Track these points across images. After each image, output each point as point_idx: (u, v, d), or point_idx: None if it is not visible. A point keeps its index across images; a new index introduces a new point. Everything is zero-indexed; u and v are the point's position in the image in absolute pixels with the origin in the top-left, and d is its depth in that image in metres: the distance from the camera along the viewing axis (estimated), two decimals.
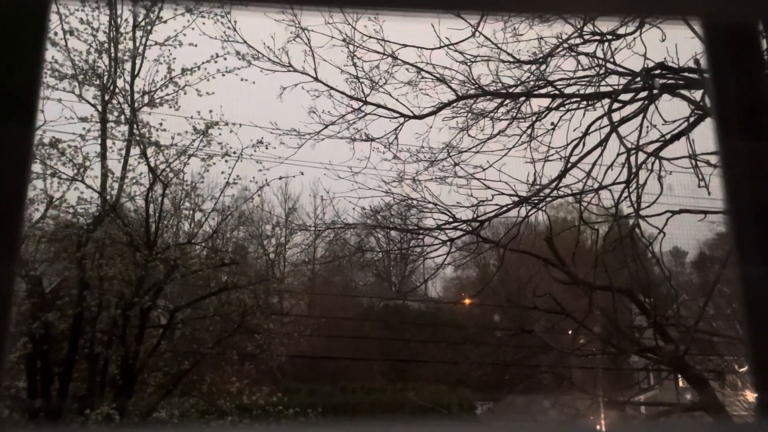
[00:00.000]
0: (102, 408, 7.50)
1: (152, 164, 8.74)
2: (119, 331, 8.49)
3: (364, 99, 7.31)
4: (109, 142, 8.60)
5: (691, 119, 6.11)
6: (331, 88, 7.36)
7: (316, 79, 7.33)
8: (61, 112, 8.26)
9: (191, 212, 9.45)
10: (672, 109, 6.35)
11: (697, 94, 6.11)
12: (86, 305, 8.22)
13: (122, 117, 8.72)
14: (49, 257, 9.06)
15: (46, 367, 8.35)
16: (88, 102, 8.56)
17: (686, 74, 6.29)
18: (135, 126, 8.66)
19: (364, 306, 22.94)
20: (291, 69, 7.39)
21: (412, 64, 7.18)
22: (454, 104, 7.26)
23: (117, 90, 8.69)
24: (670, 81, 6.44)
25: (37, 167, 8.04)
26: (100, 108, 8.60)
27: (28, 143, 0.68)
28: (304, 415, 9.71)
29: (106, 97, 8.61)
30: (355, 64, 7.19)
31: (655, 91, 6.35)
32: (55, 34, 8.14)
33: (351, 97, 7.35)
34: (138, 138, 8.62)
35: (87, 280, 8.20)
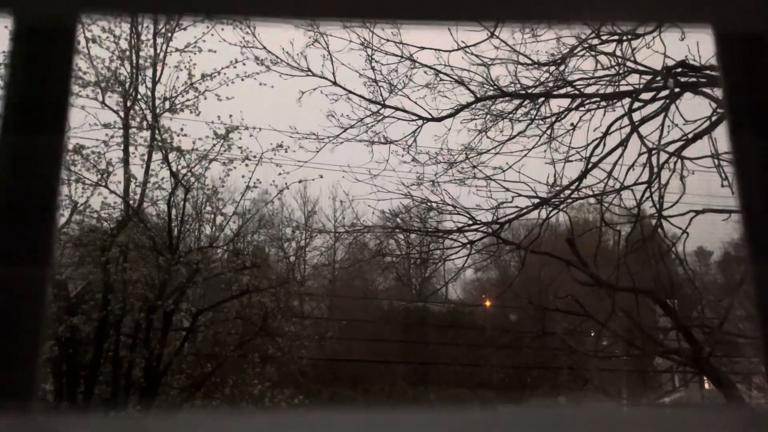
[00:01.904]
0: (127, 410, 7.62)
1: (174, 169, 8.86)
2: (143, 334, 8.60)
3: (382, 102, 7.35)
4: (131, 148, 8.74)
5: (713, 118, 6.04)
6: (350, 92, 7.41)
7: (335, 83, 7.39)
8: (85, 119, 8.42)
9: (212, 216, 9.56)
10: (694, 107, 6.29)
11: (719, 92, 6.04)
12: (110, 309, 8.35)
13: (144, 123, 8.86)
14: (74, 261, 9.21)
15: (71, 369, 8.49)
16: (111, 109, 8.71)
17: (708, 72, 6.22)
18: (157, 131, 8.78)
19: (384, 309, 22.95)
20: (310, 73, 7.46)
21: (430, 67, 7.20)
22: (473, 106, 7.26)
23: (139, 96, 8.83)
24: (692, 79, 6.38)
25: None
26: (122, 114, 8.74)
27: (59, 151, 0.71)
28: None
29: (129, 104, 8.75)
30: (373, 68, 7.23)
31: (676, 90, 6.29)
32: (78, 42, 8.29)
33: (369, 101, 7.40)
34: (160, 143, 8.74)
35: (111, 284, 8.32)
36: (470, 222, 7.42)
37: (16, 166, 0.69)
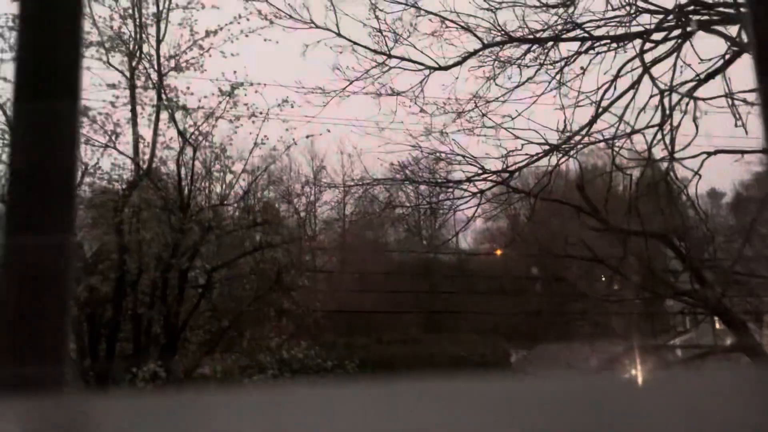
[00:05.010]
0: (148, 366, 7.81)
1: (181, 128, 8.83)
2: (160, 293, 8.74)
3: (388, 52, 7.23)
4: (138, 108, 8.69)
5: (727, 56, 5.91)
6: (355, 43, 7.28)
7: (339, 34, 7.26)
8: (90, 80, 8.35)
9: (222, 174, 9.57)
10: (707, 47, 6.14)
11: (734, 30, 5.90)
12: (127, 268, 8.46)
13: (149, 82, 8.78)
14: (88, 223, 9.29)
15: (92, 329, 8.68)
16: (116, 68, 8.63)
17: (722, 9, 6.06)
18: (162, 91, 8.71)
19: (395, 260, 23.13)
20: (313, 26, 7.32)
21: (435, 14, 7.06)
22: (480, 53, 7.13)
23: (143, 55, 8.72)
24: (705, 17, 6.22)
25: None
26: (127, 74, 8.65)
27: (75, 116, 0.71)
28: (342, 367, 9.93)
29: (133, 63, 8.65)
30: (377, 17, 7.09)
31: (689, 29, 6.14)
32: (85, 3, 8.15)
33: (375, 51, 7.28)
34: (166, 102, 8.68)
35: (126, 245, 8.41)
36: (480, 171, 7.39)
37: (32, 133, 0.69)
